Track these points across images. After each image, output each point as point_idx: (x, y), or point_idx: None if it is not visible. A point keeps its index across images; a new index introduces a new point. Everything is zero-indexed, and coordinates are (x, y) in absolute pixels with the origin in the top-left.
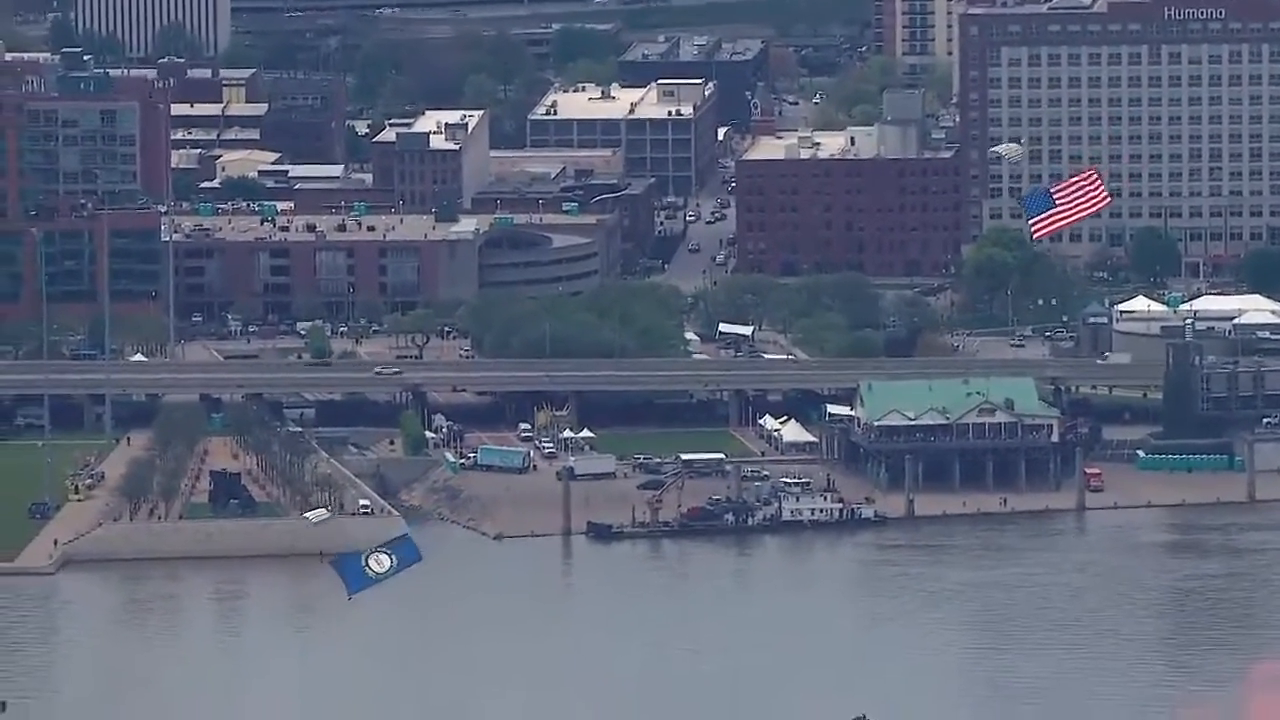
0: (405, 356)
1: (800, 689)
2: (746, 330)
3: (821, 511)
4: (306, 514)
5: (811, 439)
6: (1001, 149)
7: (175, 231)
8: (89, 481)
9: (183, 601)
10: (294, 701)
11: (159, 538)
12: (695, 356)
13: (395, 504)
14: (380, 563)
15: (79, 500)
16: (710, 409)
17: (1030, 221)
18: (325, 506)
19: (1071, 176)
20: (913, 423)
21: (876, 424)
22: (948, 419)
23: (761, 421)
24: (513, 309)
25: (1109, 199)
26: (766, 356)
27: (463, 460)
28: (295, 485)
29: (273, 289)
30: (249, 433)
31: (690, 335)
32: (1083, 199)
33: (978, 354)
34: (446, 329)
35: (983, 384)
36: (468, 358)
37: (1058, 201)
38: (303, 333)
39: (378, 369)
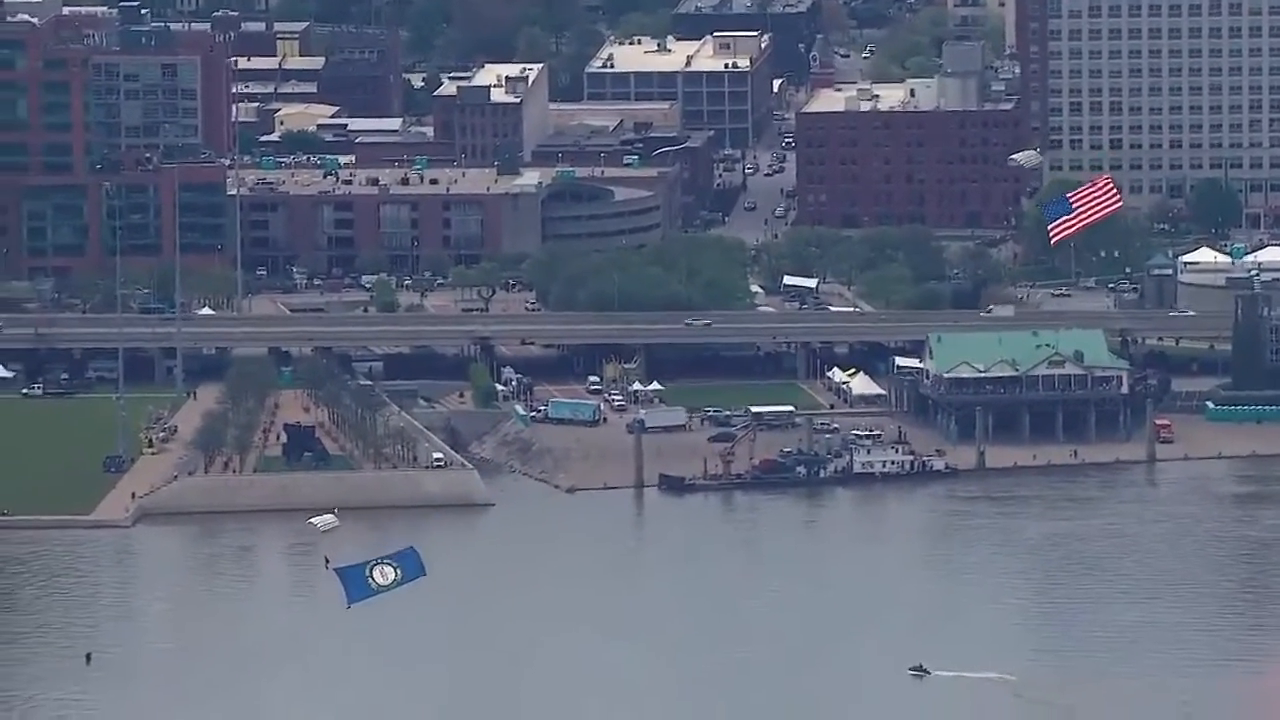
0: (471, 310)
1: (866, 639)
2: (811, 283)
3: (893, 464)
4: (313, 519)
5: (880, 391)
6: (1019, 157)
7: (239, 185)
8: (162, 435)
9: (258, 554)
10: (367, 650)
11: (234, 491)
12: (761, 309)
13: (467, 457)
14: (384, 575)
15: (152, 454)
16: (777, 361)
17: (1049, 226)
18: (333, 512)
19: (1087, 184)
20: (982, 375)
21: (946, 376)
22: (1017, 371)
23: (829, 374)
24: (578, 262)
25: (1120, 203)
26: (832, 309)
27: (533, 413)
28: (368, 438)
29: (337, 242)
30: (319, 386)
31: (755, 288)
32: (1098, 203)
33: (1041, 306)
34: (511, 282)
35: (1052, 336)
36: (533, 311)
37: (1075, 207)
38: (368, 286)
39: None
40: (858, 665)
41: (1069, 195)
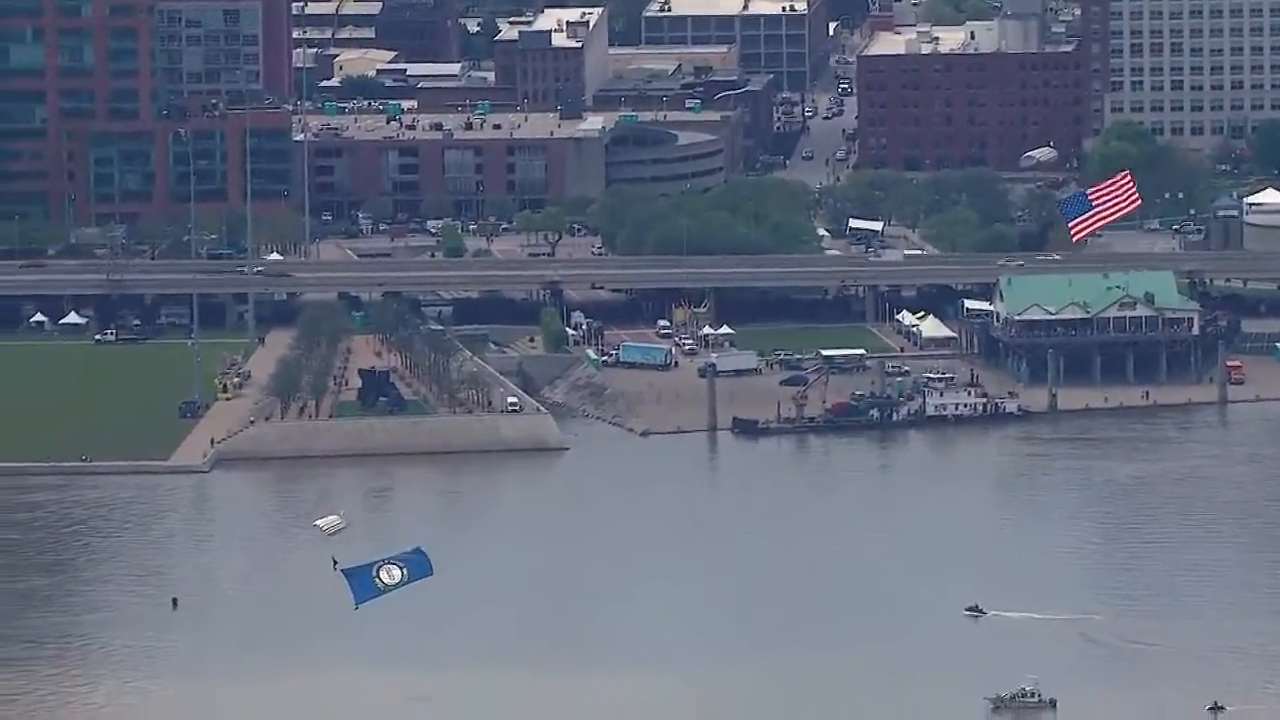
0: (537, 254)
1: (933, 580)
2: (876, 225)
3: (965, 406)
4: (318, 521)
5: (950, 334)
6: (1036, 153)
7: (305, 131)
8: (236, 380)
9: (334, 499)
10: (443, 594)
11: (311, 436)
12: (828, 252)
13: (539, 401)
14: (390, 575)
15: (227, 399)
16: (845, 304)
17: (1069, 224)
18: (338, 514)
19: (1107, 182)
20: (1053, 317)
21: (1017, 318)
22: (1088, 313)
23: (899, 317)
24: (645, 207)
25: (1140, 201)
26: (901, 253)
27: (605, 357)
28: (442, 383)
29: (401, 188)
30: (391, 331)
31: (820, 231)
32: (1118, 201)
33: (1110, 248)
34: (577, 227)
35: (1122, 278)
36: (599, 255)
37: (1094, 204)
38: (433, 231)
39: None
40: (922, 606)
41: (1088, 193)
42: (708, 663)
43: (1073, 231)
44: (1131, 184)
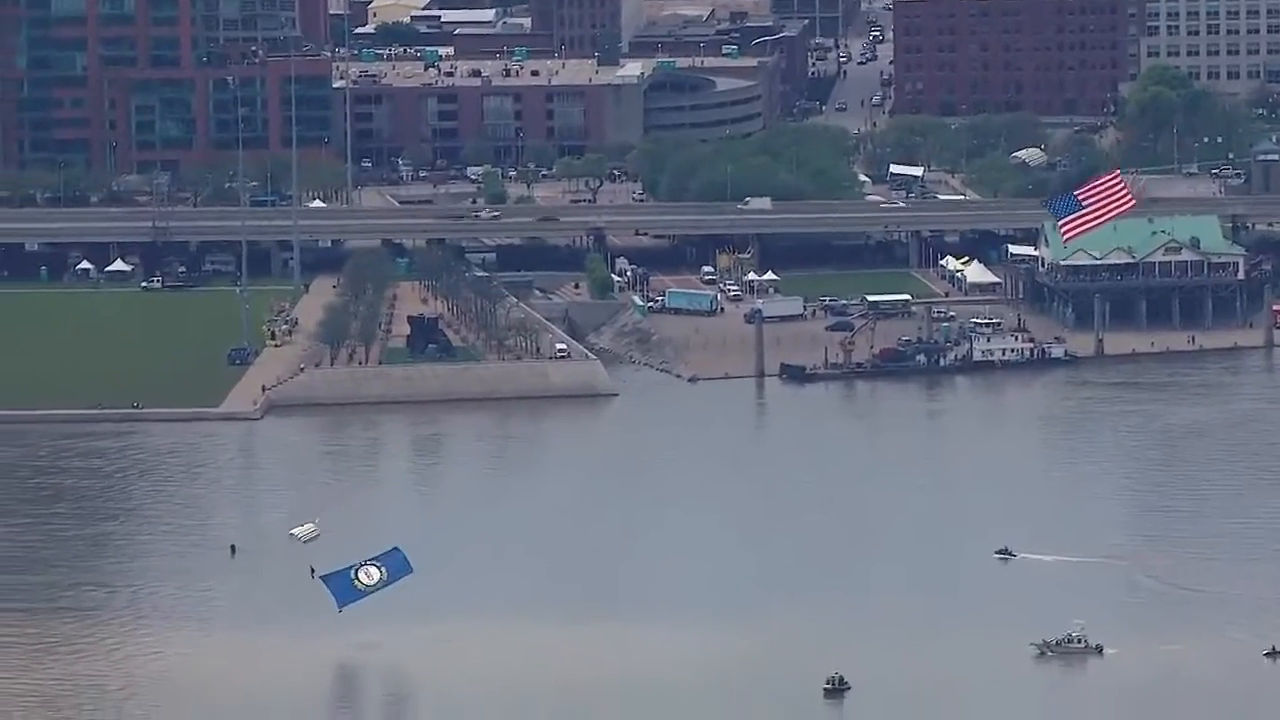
0: (579, 200)
1: (973, 524)
2: (916, 171)
3: (1012, 351)
4: (294, 530)
5: (995, 279)
6: (1023, 154)
7: (346, 78)
8: (285, 327)
9: (385, 446)
10: (494, 537)
11: (361, 382)
12: (869, 198)
13: (587, 347)
14: (369, 575)
15: (275, 346)
16: (889, 250)
17: (1059, 224)
18: (313, 521)
19: (1098, 181)
20: (1099, 262)
21: (1063, 264)
22: (1134, 258)
23: (943, 262)
24: (686, 153)
25: (1133, 202)
26: (940, 197)
27: (650, 303)
28: (490, 329)
29: (440, 134)
30: (436, 277)
31: (861, 177)
32: (1109, 201)
33: (1149, 193)
34: (616, 173)
35: (1167, 222)
36: (640, 201)
37: (1085, 204)
38: (473, 177)
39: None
40: (958, 550)
41: (1078, 192)
42: (745, 610)
43: (1062, 232)
44: (1124, 184)
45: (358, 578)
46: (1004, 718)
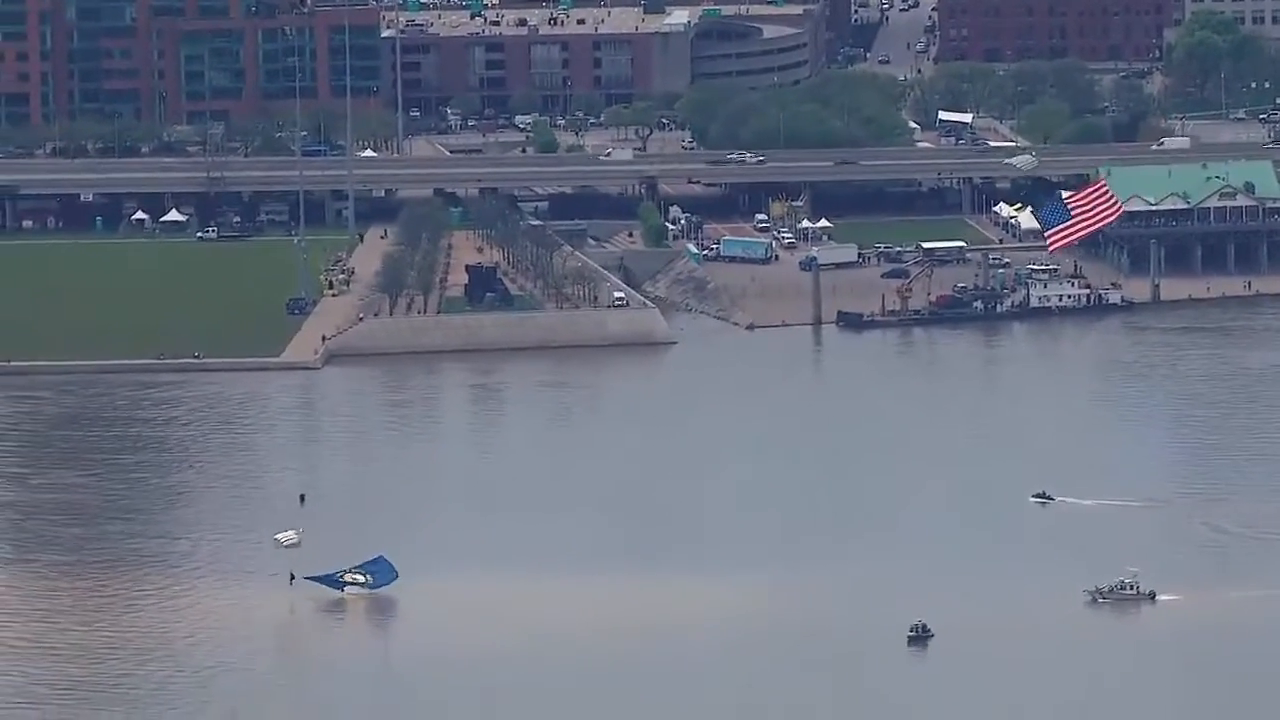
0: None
1: (1026, 469)
2: (965, 118)
3: (1069, 297)
4: (277, 535)
5: None
6: (1015, 160)
7: (394, 27)
8: (342, 276)
9: (445, 394)
10: (552, 484)
11: (420, 332)
12: (919, 145)
13: (643, 296)
14: (355, 579)
15: (333, 295)
16: (941, 197)
17: (1047, 233)
18: (295, 530)
19: (1085, 190)
20: (1154, 208)
21: None
22: (1188, 203)
23: (996, 209)
24: (736, 101)
25: (1120, 210)
26: (991, 144)
27: (705, 251)
28: (547, 278)
29: (488, 83)
30: (491, 226)
31: (910, 124)
32: (1097, 210)
33: (1198, 139)
34: (665, 121)
35: (1222, 168)
36: (690, 149)
37: (1074, 213)
38: (521, 126)
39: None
40: (1003, 494)
41: (1067, 201)
42: (806, 558)
43: (1049, 241)
44: (1111, 193)
45: (343, 581)
46: (1082, 665)
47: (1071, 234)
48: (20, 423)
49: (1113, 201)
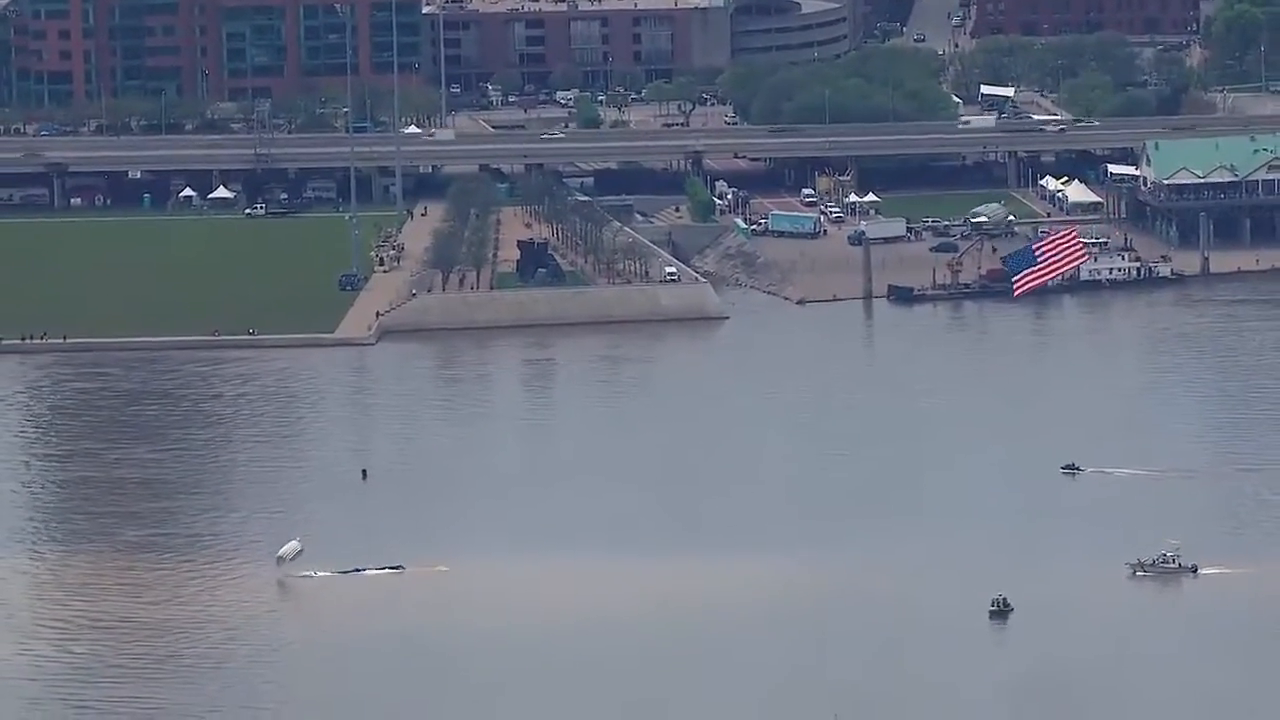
0: (672, 124)
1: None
2: (1008, 91)
3: (1119, 270)
4: (279, 553)
5: (1096, 199)
6: (983, 209)
7: (430, 3)
8: (393, 252)
9: (499, 369)
10: (609, 458)
11: (474, 307)
12: (963, 119)
13: (693, 270)
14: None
15: (385, 272)
16: (987, 170)
17: (1013, 279)
18: (296, 540)
19: (1052, 235)
20: (1201, 180)
21: (1165, 183)
22: (1236, 176)
23: (1042, 182)
24: (778, 76)
25: (1086, 256)
26: (1034, 117)
27: (754, 226)
28: (598, 253)
29: (528, 59)
30: (539, 202)
31: (953, 98)
32: (1064, 255)
33: (1239, 111)
34: (707, 96)
35: (1270, 140)
36: (732, 124)
37: (1039, 259)
38: (562, 102)
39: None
40: (1038, 466)
41: (1034, 246)
42: (831, 537)
43: (1015, 286)
44: (1079, 238)
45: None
46: (1154, 639)
47: (1036, 279)
48: (93, 397)
49: (1077, 246)
